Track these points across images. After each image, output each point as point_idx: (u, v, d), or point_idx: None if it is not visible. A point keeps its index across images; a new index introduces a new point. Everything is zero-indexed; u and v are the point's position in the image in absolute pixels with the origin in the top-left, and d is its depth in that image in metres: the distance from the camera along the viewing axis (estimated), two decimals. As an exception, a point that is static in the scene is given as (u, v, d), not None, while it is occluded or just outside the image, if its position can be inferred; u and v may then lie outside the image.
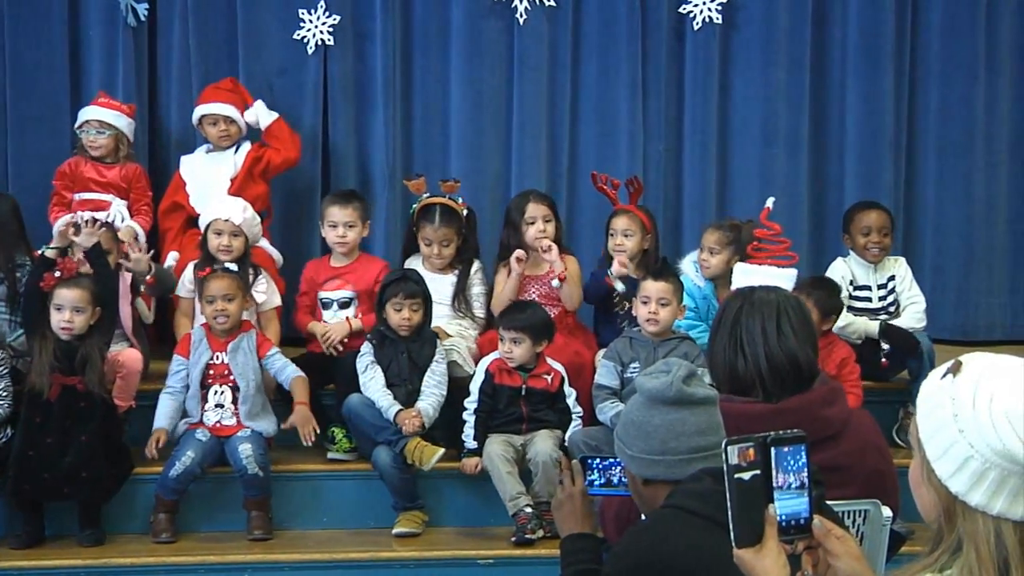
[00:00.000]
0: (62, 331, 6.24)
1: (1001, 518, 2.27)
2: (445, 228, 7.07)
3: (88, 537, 6.26)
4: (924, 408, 2.37)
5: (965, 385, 2.30)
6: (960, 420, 2.29)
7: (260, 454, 6.31)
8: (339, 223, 7.04)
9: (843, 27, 8.21)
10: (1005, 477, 2.26)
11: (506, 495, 6.28)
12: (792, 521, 2.52)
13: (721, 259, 7.02)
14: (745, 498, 2.50)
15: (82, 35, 7.75)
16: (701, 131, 8.14)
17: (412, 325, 6.56)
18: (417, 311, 6.58)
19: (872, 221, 7.28)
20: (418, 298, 6.59)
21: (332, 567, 6.29)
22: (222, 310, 6.43)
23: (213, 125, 7.43)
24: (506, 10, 7.93)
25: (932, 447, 2.33)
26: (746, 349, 4.07)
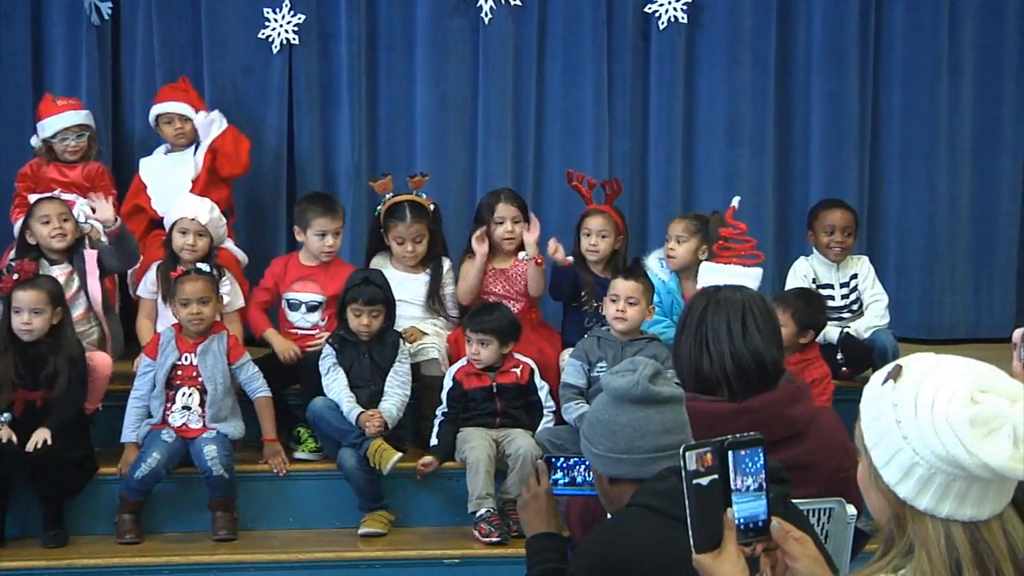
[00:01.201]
0: (23, 333, 6.20)
1: (950, 520, 2.27)
2: (417, 224, 7.06)
3: (52, 538, 6.23)
4: (867, 414, 2.37)
5: (906, 391, 2.30)
6: (903, 427, 2.29)
7: (225, 456, 6.28)
8: (328, 231, 6.98)
9: (807, 27, 8.24)
10: (951, 481, 2.26)
11: (475, 492, 6.28)
12: (751, 524, 2.53)
13: (688, 248, 7.05)
14: (704, 503, 2.50)
15: (45, 34, 7.71)
16: (666, 130, 8.15)
17: (371, 331, 6.55)
18: (377, 317, 6.56)
19: (836, 220, 7.30)
20: (379, 304, 6.56)
21: (298, 567, 6.28)
22: (197, 313, 6.39)
23: (168, 124, 7.39)
24: (471, 9, 7.93)
25: (877, 454, 2.33)
26: (711, 348, 4.07)
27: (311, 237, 7.00)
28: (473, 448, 6.33)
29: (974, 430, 2.24)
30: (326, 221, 7.00)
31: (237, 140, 7.42)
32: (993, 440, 2.24)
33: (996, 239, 8.61)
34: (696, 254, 7.03)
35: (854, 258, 7.45)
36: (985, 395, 2.26)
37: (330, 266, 7.06)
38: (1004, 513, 2.29)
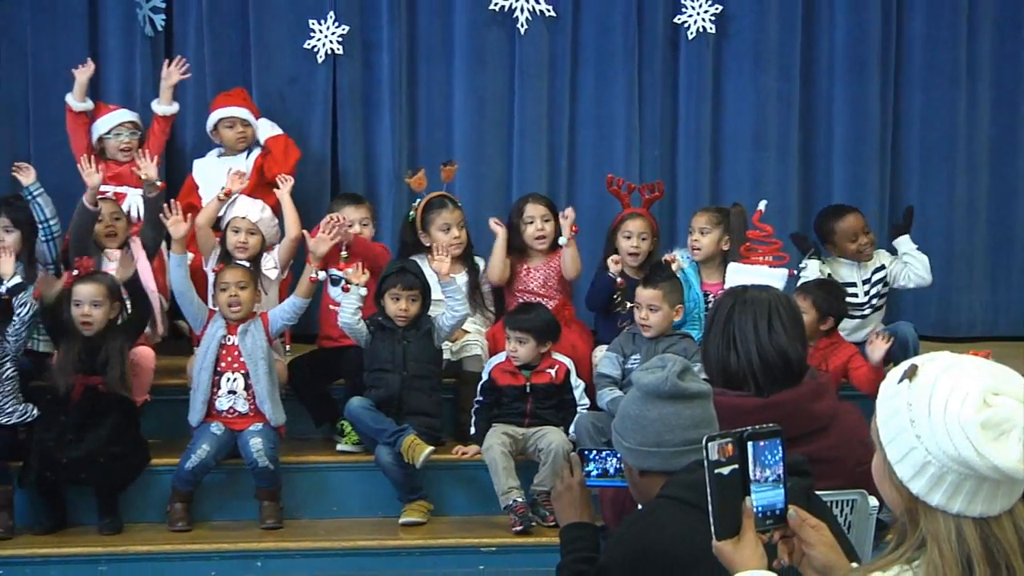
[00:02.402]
0: (82, 326, 6.25)
1: (961, 516, 2.26)
2: (458, 211, 7.13)
3: (107, 525, 6.27)
4: (883, 412, 2.37)
5: (921, 391, 2.29)
6: (917, 426, 2.28)
7: (270, 448, 6.31)
8: (355, 221, 7.02)
9: (831, 37, 8.23)
10: (962, 480, 2.25)
11: (500, 488, 6.29)
12: (768, 512, 2.54)
13: (711, 239, 7.06)
14: (724, 492, 2.52)
15: (101, 45, 7.75)
16: (695, 136, 8.15)
17: (409, 316, 6.55)
18: (415, 302, 6.58)
19: (854, 225, 7.29)
20: (416, 289, 6.58)
21: (341, 555, 6.29)
22: (235, 296, 6.42)
23: (230, 128, 7.43)
24: (507, 20, 7.94)
25: (892, 450, 2.33)
26: (738, 345, 4.08)
27: None
28: (489, 449, 6.34)
29: (985, 432, 2.23)
30: (351, 210, 7.03)
31: (288, 147, 7.47)
32: (1003, 443, 2.24)
33: (1013, 240, 8.59)
34: (719, 245, 7.08)
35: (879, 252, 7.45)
36: (998, 398, 2.25)
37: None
38: (1015, 509, 2.29)
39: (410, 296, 6.56)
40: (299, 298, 6.53)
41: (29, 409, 6.32)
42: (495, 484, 6.30)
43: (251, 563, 6.24)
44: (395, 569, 6.26)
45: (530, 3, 7.90)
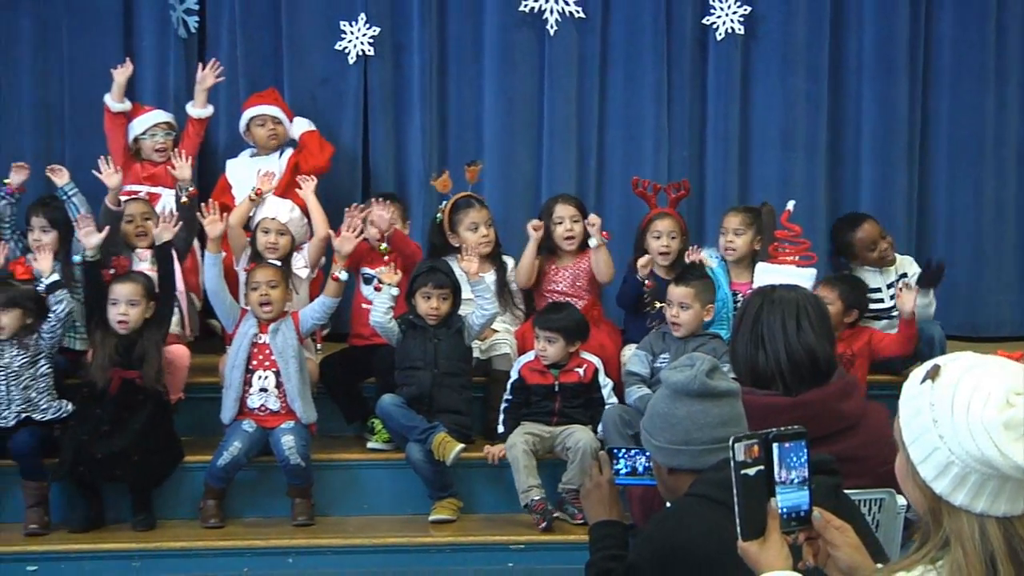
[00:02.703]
0: (119, 324, 6.28)
1: (985, 515, 2.25)
2: (486, 209, 7.14)
3: (141, 522, 6.29)
4: (906, 412, 2.36)
5: (943, 391, 2.28)
6: (940, 426, 2.27)
7: (302, 445, 6.32)
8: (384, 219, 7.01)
9: (859, 38, 8.20)
10: (985, 480, 2.24)
11: (520, 486, 6.27)
12: (793, 514, 2.54)
13: (745, 240, 7.07)
14: (750, 493, 2.52)
15: (135, 46, 7.77)
16: (723, 136, 8.13)
17: (440, 314, 6.55)
18: (446, 300, 6.58)
19: (870, 233, 7.27)
20: (447, 288, 6.58)
21: (371, 552, 6.29)
22: (265, 294, 6.43)
23: (261, 126, 7.46)
24: (537, 21, 7.93)
25: (915, 450, 2.32)
26: (767, 345, 4.07)
27: (370, 228, 7.02)
28: (512, 447, 6.33)
29: (1008, 433, 2.22)
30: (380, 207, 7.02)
31: (322, 142, 7.51)
32: None
33: (1041, 240, 8.53)
34: (752, 245, 7.08)
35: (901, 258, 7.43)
36: (1020, 397, 2.24)
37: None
38: None
39: (441, 295, 6.56)
40: (328, 298, 6.54)
41: (64, 405, 6.35)
42: (516, 482, 6.29)
43: (283, 559, 6.25)
44: (425, 566, 6.26)
45: (560, 4, 7.89)
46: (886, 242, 7.33)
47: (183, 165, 6.96)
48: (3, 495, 6.37)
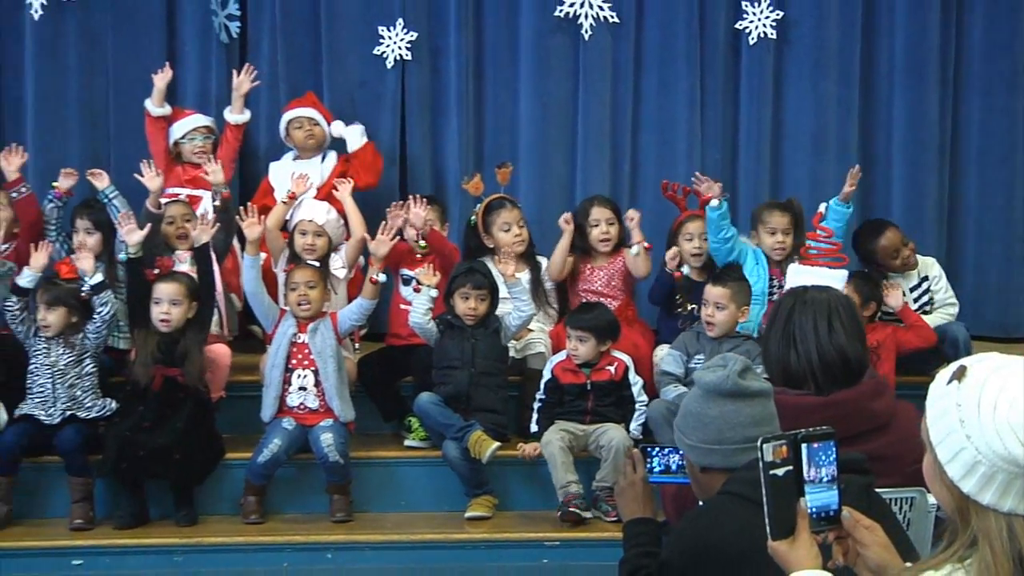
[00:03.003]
0: (161, 323, 6.32)
1: (1012, 514, 2.24)
2: (517, 209, 7.15)
3: (183, 517, 6.32)
4: (933, 412, 2.35)
5: (970, 392, 2.27)
6: (966, 426, 2.26)
7: (341, 443, 6.34)
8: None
9: (890, 43, 8.17)
10: (1012, 479, 2.23)
11: (558, 482, 6.27)
12: (823, 513, 2.54)
13: (790, 240, 7.03)
14: (779, 493, 2.52)
15: (178, 51, 7.81)
16: (755, 139, 8.11)
17: (478, 315, 6.57)
18: (484, 301, 6.59)
19: (893, 240, 7.24)
20: (484, 289, 6.59)
21: (408, 548, 6.30)
22: (304, 295, 6.45)
23: (299, 128, 7.49)
24: (572, 26, 7.93)
25: (942, 450, 2.31)
26: (799, 345, 4.06)
27: (409, 229, 7.04)
28: (548, 444, 6.33)
29: None
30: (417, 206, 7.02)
31: (375, 154, 7.53)
32: None
33: (1071, 242, 8.48)
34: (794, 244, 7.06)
35: (923, 260, 7.39)
36: None
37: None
38: None
39: (479, 295, 6.57)
40: (365, 300, 6.55)
41: (108, 404, 6.39)
42: (553, 478, 6.29)
43: (321, 555, 6.27)
44: (461, 562, 6.27)
45: (594, 10, 7.89)
46: (908, 249, 7.30)
47: (216, 169, 6.99)
48: (49, 491, 6.41)
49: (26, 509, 6.38)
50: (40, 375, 6.35)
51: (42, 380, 6.35)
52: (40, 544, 6.18)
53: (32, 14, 7.55)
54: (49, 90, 7.67)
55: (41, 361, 6.36)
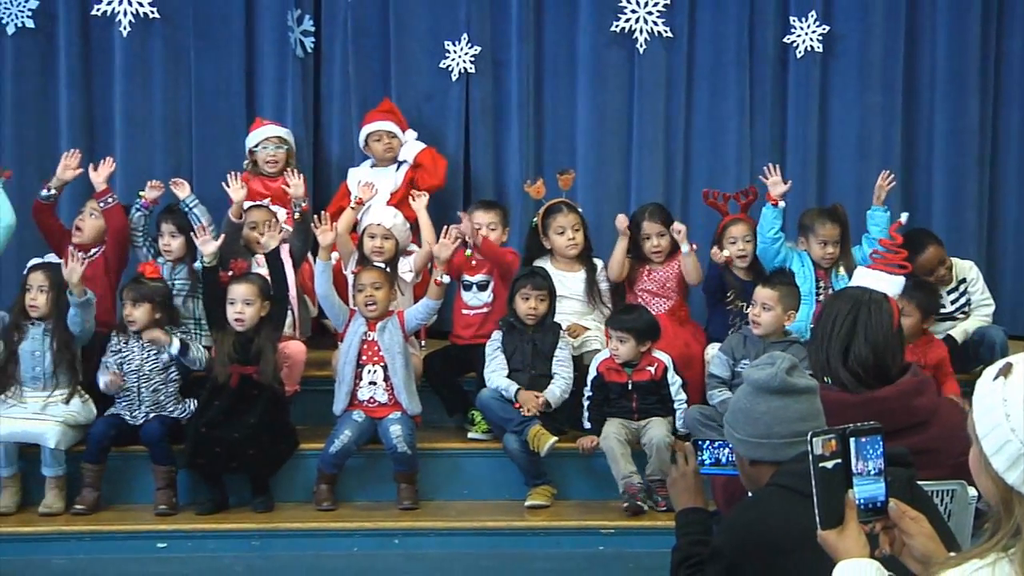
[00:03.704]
0: (235, 322, 6.36)
1: None
2: (574, 214, 7.13)
3: (259, 504, 6.36)
4: (979, 407, 2.33)
5: (1015, 387, 2.25)
6: (1012, 420, 2.24)
7: (408, 434, 6.36)
8: (483, 224, 7.05)
9: (932, 55, 8.11)
10: None
11: (619, 474, 6.27)
12: (870, 504, 2.53)
13: (839, 248, 7.00)
14: (828, 484, 2.51)
15: (256, 65, 7.86)
16: (802, 147, 8.07)
17: (538, 315, 6.58)
18: (543, 302, 6.60)
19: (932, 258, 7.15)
20: (544, 290, 6.61)
21: (471, 534, 6.32)
22: (370, 296, 6.47)
23: (378, 141, 7.50)
24: (627, 41, 7.92)
25: (988, 443, 2.29)
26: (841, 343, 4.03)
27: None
28: (606, 438, 6.33)
29: None
30: (480, 214, 7.08)
31: (436, 158, 7.55)
32: None
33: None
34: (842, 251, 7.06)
35: (959, 264, 7.31)
36: None
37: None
38: None
39: (539, 296, 6.59)
40: (431, 300, 6.56)
41: (188, 406, 6.47)
42: (613, 470, 6.29)
43: (389, 540, 6.29)
44: (521, 548, 6.28)
45: (649, 25, 7.87)
46: (944, 268, 7.21)
47: (297, 183, 7.02)
48: (135, 478, 6.47)
49: (114, 495, 6.45)
50: (128, 379, 6.43)
51: (127, 385, 6.42)
52: (127, 528, 6.24)
53: (121, 31, 7.61)
54: (136, 103, 7.73)
55: (127, 367, 6.43)
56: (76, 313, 6.35)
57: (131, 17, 7.61)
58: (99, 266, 6.83)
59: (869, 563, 2.48)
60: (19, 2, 7.58)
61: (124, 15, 7.60)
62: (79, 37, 7.69)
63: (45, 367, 6.42)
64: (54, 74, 7.72)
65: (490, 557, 6.24)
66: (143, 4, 7.60)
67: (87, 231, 6.95)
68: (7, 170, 6.95)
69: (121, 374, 6.38)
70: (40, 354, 6.42)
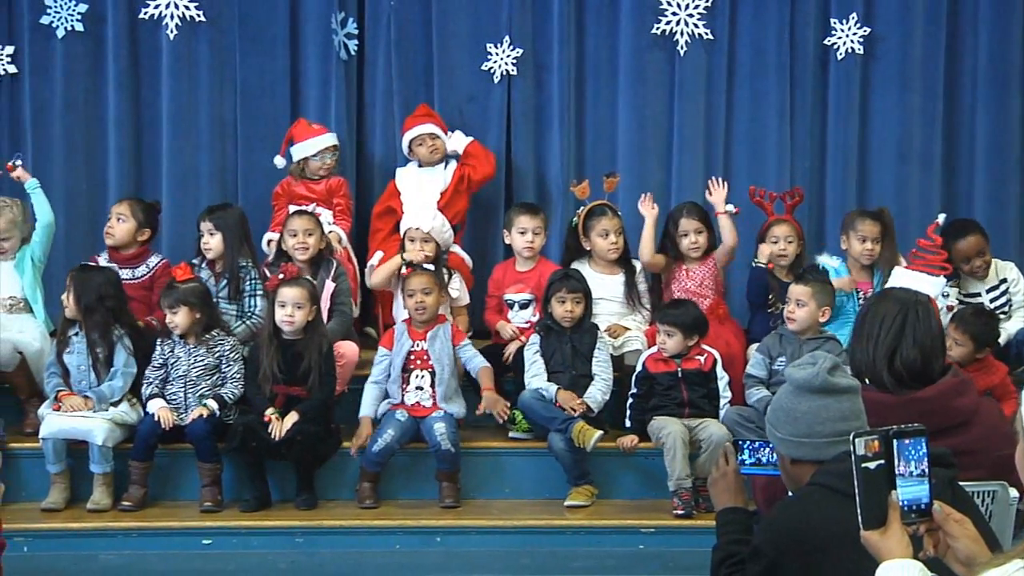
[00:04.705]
0: (285, 324, 6.39)
1: None
2: (617, 219, 7.13)
3: (303, 501, 6.39)
4: None
5: None
6: None
7: (452, 433, 6.38)
8: (528, 229, 7.08)
9: (974, 57, 8.04)
10: None
11: (675, 473, 6.25)
12: (914, 506, 2.52)
13: (879, 247, 6.98)
14: (871, 485, 2.50)
15: (301, 67, 7.89)
16: (842, 149, 8.03)
17: (574, 317, 6.59)
18: (579, 304, 6.62)
19: (972, 246, 7.11)
20: (580, 293, 6.63)
21: (513, 532, 6.34)
22: (421, 302, 6.51)
23: (421, 145, 7.53)
24: (668, 43, 7.90)
25: None
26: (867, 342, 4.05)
27: (515, 236, 7.11)
28: (669, 434, 6.30)
29: None
30: (526, 219, 7.10)
31: (486, 151, 7.61)
32: None
33: None
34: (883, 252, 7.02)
35: (1001, 264, 7.26)
36: None
37: (538, 267, 7.15)
38: None
39: (575, 298, 6.61)
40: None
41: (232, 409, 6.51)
42: (668, 466, 6.27)
43: (431, 538, 6.32)
44: (562, 547, 6.29)
45: (689, 27, 7.85)
46: (982, 260, 7.16)
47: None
48: (181, 475, 6.53)
49: (160, 492, 6.51)
50: (174, 384, 6.48)
51: (174, 389, 6.48)
52: (173, 524, 6.30)
53: (168, 34, 7.67)
54: (182, 104, 7.78)
55: (173, 372, 6.49)
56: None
57: (178, 20, 7.67)
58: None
59: (913, 564, 2.47)
60: (69, 6, 7.65)
61: (171, 18, 7.66)
62: (127, 40, 7.75)
63: (91, 380, 6.48)
64: (102, 76, 7.79)
65: (531, 555, 6.25)
66: (189, 7, 7.65)
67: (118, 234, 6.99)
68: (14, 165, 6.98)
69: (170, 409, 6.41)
70: (85, 368, 6.48)
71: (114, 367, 6.47)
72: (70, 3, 7.65)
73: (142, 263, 7.03)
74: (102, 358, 6.46)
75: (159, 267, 7.02)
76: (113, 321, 6.48)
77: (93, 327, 6.44)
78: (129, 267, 6.96)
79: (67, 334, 6.52)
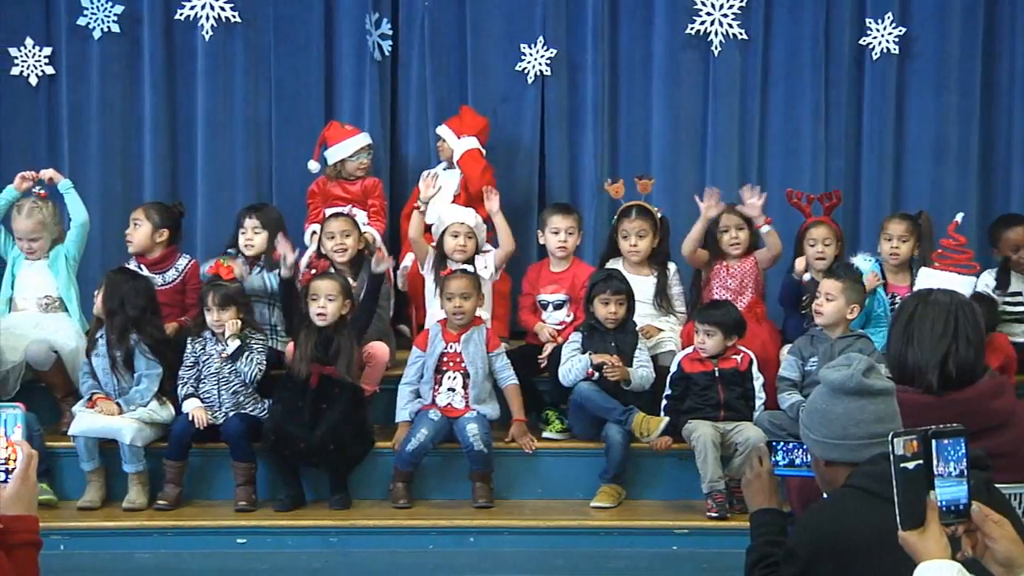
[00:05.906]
0: (318, 317, 6.41)
1: None
2: (640, 221, 7.07)
3: (337, 502, 6.40)
4: None
5: None
6: None
7: (485, 433, 6.38)
8: (561, 229, 7.07)
9: (1011, 54, 8.02)
10: None
11: (707, 475, 6.23)
12: (952, 506, 2.51)
13: (909, 247, 6.98)
14: (909, 485, 2.49)
15: (335, 68, 7.93)
16: (878, 149, 8.01)
17: (618, 318, 6.57)
18: (622, 305, 6.60)
19: (1020, 237, 7.07)
20: (623, 294, 6.60)
21: (545, 533, 6.32)
22: (459, 306, 6.51)
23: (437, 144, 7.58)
24: (702, 43, 7.90)
25: None
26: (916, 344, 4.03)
27: (549, 236, 7.09)
28: (699, 437, 6.27)
29: None
30: (559, 219, 7.08)
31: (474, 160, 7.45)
32: None
33: None
34: (913, 252, 6.98)
35: None
36: None
37: (572, 267, 7.14)
38: None
39: (618, 300, 6.59)
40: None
41: (266, 406, 6.52)
42: (701, 469, 6.24)
43: (464, 538, 6.31)
44: (595, 547, 6.27)
45: (724, 27, 7.84)
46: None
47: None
48: (216, 475, 6.55)
49: (195, 491, 6.54)
50: (207, 383, 6.51)
51: (207, 387, 6.50)
52: (208, 523, 6.31)
53: (203, 35, 7.71)
54: (217, 105, 7.83)
55: (205, 371, 6.51)
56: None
57: (213, 21, 7.71)
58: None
59: (951, 565, 2.46)
60: (105, 7, 7.70)
61: (206, 19, 7.70)
62: (163, 41, 7.81)
63: (113, 383, 6.50)
64: (138, 77, 7.85)
65: (564, 556, 6.23)
66: (224, 8, 7.70)
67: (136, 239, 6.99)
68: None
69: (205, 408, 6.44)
70: (107, 370, 6.51)
71: (136, 371, 6.49)
72: (106, 5, 7.71)
73: (170, 266, 7.02)
74: (120, 361, 6.48)
75: (188, 269, 7.03)
76: (132, 328, 6.46)
77: (112, 329, 6.47)
78: (159, 272, 6.95)
79: (95, 335, 6.55)
